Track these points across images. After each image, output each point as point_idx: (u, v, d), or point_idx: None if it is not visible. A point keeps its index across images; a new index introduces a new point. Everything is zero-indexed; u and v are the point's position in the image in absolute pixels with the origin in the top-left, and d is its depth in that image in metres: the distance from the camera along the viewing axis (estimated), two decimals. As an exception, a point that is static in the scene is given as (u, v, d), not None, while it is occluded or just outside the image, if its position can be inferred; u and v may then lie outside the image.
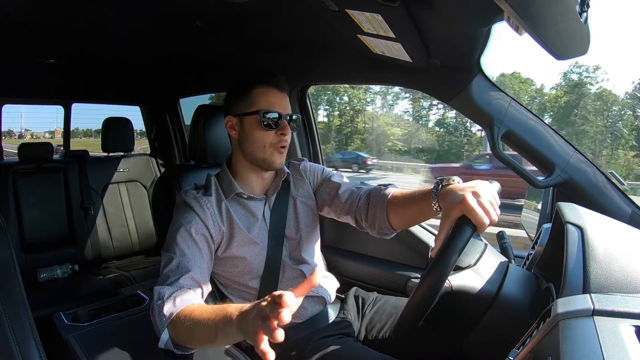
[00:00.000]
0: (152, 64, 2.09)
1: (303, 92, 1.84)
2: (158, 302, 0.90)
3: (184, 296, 0.90)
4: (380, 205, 1.06)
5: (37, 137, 14.25)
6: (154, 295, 0.92)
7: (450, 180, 0.88)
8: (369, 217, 1.09)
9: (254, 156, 1.10)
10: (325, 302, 1.19)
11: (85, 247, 2.38)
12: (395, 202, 1.03)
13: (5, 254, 0.83)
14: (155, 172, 2.72)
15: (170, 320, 0.87)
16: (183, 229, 1.01)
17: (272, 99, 1.07)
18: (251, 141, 1.08)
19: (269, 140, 1.07)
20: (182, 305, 0.88)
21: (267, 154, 1.08)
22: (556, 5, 0.66)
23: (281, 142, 1.08)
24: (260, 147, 1.08)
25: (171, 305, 0.88)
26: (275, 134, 1.07)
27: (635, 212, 1.09)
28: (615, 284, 0.63)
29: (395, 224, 1.05)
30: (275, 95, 1.08)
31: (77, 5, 1.21)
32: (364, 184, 1.18)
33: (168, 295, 0.90)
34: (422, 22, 0.91)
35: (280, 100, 1.08)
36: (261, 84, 1.08)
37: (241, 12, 1.18)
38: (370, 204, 1.09)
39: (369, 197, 1.10)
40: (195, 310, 0.85)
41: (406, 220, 1.06)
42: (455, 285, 0.83)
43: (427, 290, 0.74)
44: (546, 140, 1.15)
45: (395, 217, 1.04)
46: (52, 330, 1.10)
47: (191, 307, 0.87)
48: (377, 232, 1.10)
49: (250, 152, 1.10)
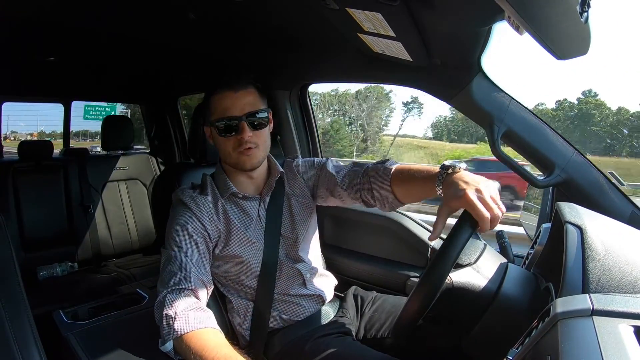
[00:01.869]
0: (152, 62, 2.08)
1: (303, 91, 1.84)
2: (170, 312, 0.89)
3: (197, 314, 0.90)
4: (384, 184, 1.05)
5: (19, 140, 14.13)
6: (165, 302, 0.91)
7: (456, 167, 0.88)
8: (376, 196, 1.08)
9: (226, 161, 1.11)
10: (324, 301, 1.19)
11: (85, 245, 2.38)
12: (399, 179, 1.03)
13: (4, 251, 0.83)
14: (155, 170, 2.72)
15: (178, 336, 0.87)
16: (181, 228, 1.02)
17: (226, 103, 1.05)
18: (219, 149, 1.09)
19: (230, 145, 1.06)
20: (194, 326, 0.88)
21: (233, 159, 1.08)
22: (557, 5, 0.66)
23: (241, 145, 1.05)
24: (226, 153, 1.08)
25: (183, 323, 0.88)
26: (235, 139, 1.05)
27: (634, 212, 1.09)
28: (615, 284, 0.63)
29: (403, 199, 1.05)
30: (230, 97, 1.05)
31: (77, 3, 1.21)
32: (358, 164, 1.16)
33: (182, 309, 0.89)
34: (423, 21, 0.91)
35: (236, 100, 1.05)
36: (216, 89, 1.06)
37: (241, 10, 1.17)
38: (372, 184, 1.08)
39: (368, 177, 1.09)
40: (206, 348, 0.84)
41: (412, 197, 1.06)
42: (456, 282, 0.83)
43: (430, 282, 0.75)
44: (546, 139, 1.15)
45: (401, 193, 1.04)
46: (51, 328, 1.10)
47: (203, 343, 0.86)
48: (388, 208, 1.09)
49: (223, 158, 1.11)
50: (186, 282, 0.94)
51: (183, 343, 0.86)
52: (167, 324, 0.88)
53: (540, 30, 0.69)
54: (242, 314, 1.11)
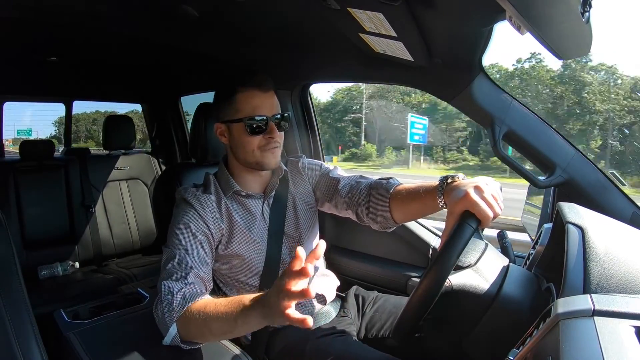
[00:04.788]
0: (153, 61, 2.09)
1: (304, 91, 1.84)
2: (167, 296, 0.90)
3: (193, 291, 0.91)
4: (383, 199, 1.06)
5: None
6: (162, 289, 0.92)
7: (455, 177, 0.90)
8: (371, 211, 1.09)
9: (246, 160, 1.10)
10: (325, 301, 1.19)
11: (86, 244, 2.38)
12: (399, 197, 1.04)
13: (6, 251, 0.83)
14: (157, 170, 2.72)
15: (180, 314, 0.88)
16: (184, 226, 1.02)
17: (255, 102, 1.05)
18: (241, 147, 1.08)
19: (257, 144, 1.06)
20: (192, 300, 0.89)
21: (257, 157, 1.08)
22: (558, 5, 0.66)
23: (269, 144, 1.06)
24: (250, 152, 1.07)
25: (181, 299, 0.89)
26: (263, 138, 1.06)
27: (636, 212, 1.09)
28: (616, 284, 0.63)
29: (398, 218, 1.06)
30: (259, 96, 1.05)
31: (78, 3, 1.21)
32: (363, 177, 1.17)
33: (178, 289, 0.90)
34: (424, 21, 0.91)
35: (265, 100, 1.06)
36: (243, 87, 1.05)
37: (242, 9, 1.18)
38: (371, 197, 1.09)
39: (369, 191, 1.10)
40: (209, 304, 0.86)
41: (409, 215, 1.07)
42: (456, 284, 0.83)
43: (430, 282, 0.75)
44: (547, 140, 1.15)
45: (398, 211, 1.05)
46: (52, 327, 1.10)
47: (203, 301, 0.88)
48: (379, 226, 1.10)
49: (242, 157, 1.10)
50: (185, 280, 0.94)
51: (187, 318, 0.87)
52: (168, 307, 0.89)
53: (542, 30, 0.69)
54: None
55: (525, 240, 1.36)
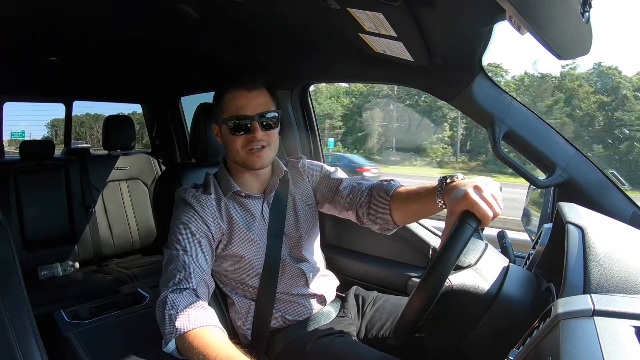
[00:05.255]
0: (153, 61, 2.09)
1: (304, 91, 1.84)
2: (171, 311, 0.89)
3: (198, 312, 0.90)
4: (383, 200, 1.06)
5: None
6: (167, 302, 0.91)
7: (454, 177, 0.90)
8: (371, 213, 1.09)
9: (234, 160, 1.11)
10: (325, 301, 1.19)
11: (86, 244, 2.38)
12: (399, 198, 1.04)
13: (6, 251, 0.83)
14: (156, 170, 2.72)
15: (180, 334, 0.87)
16: (184, 227, 1.02)
17: (240, 102, 1.06)
18: (228, 147, 1.10)
19: (240, 144, 1.07)
20: (196, 324, 0.88)
21: (242, 157, 1.09)
22: (558, 5, 0.66)
23: (252, 144, 1.06)
24: (235, 152, 1.09)
25: (185, 321, 0.88)
26: (245, 137, 1.06)
27: (636, 212, 1.09)
28: (616, 284, 0.63)
29: (398, 220, 1.06)
30: (244, 96, 1.07)
31: (78, 3, 1.21)
32: (365, 179, 1.18)
33: (183, 307, 0.89)
34: (424, 21, 0.91)
35: (250, 100, 1.07)
36: (230, 87, 1.08)
37: (242, 10, 1.18)
38: (372, 199, 1.09)
39: (370, 193, 1.10)
40: (210, 345, 0.84)
41: (409, 216, 1.07)
42: (456, 284, 0.82)
43: (430, 282, 0.75)
44: (547, 140, 1.15)
45: (398, 213, 1.05)
46: (52, 327, 1.10)
47: (207, 338, 0.86)
48: (378, 228, 1.10)
49: (231, 157, 1.11)
50: (187, 282, 0.94)
51: (186, 341, 0.86)
52: (169, 323, 0.89)
53: (542, 30, 0.69)
54: (243, 314, 1.11)
55: (525, 240, 1.36)
